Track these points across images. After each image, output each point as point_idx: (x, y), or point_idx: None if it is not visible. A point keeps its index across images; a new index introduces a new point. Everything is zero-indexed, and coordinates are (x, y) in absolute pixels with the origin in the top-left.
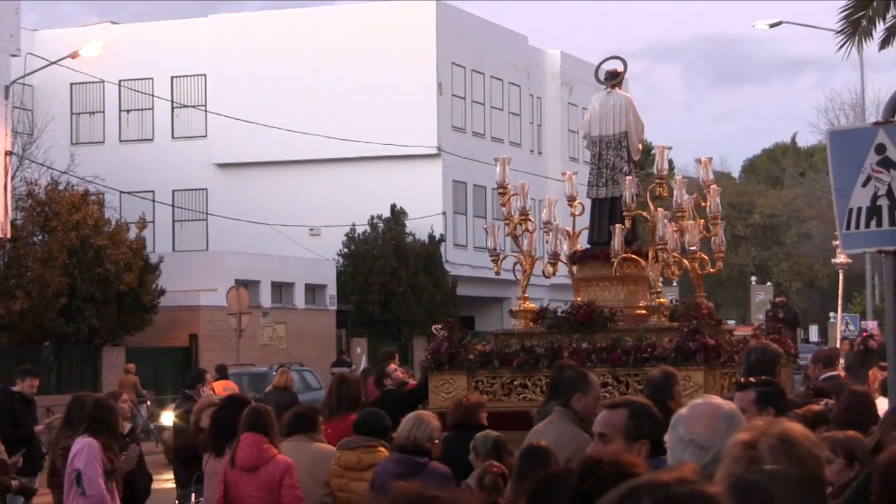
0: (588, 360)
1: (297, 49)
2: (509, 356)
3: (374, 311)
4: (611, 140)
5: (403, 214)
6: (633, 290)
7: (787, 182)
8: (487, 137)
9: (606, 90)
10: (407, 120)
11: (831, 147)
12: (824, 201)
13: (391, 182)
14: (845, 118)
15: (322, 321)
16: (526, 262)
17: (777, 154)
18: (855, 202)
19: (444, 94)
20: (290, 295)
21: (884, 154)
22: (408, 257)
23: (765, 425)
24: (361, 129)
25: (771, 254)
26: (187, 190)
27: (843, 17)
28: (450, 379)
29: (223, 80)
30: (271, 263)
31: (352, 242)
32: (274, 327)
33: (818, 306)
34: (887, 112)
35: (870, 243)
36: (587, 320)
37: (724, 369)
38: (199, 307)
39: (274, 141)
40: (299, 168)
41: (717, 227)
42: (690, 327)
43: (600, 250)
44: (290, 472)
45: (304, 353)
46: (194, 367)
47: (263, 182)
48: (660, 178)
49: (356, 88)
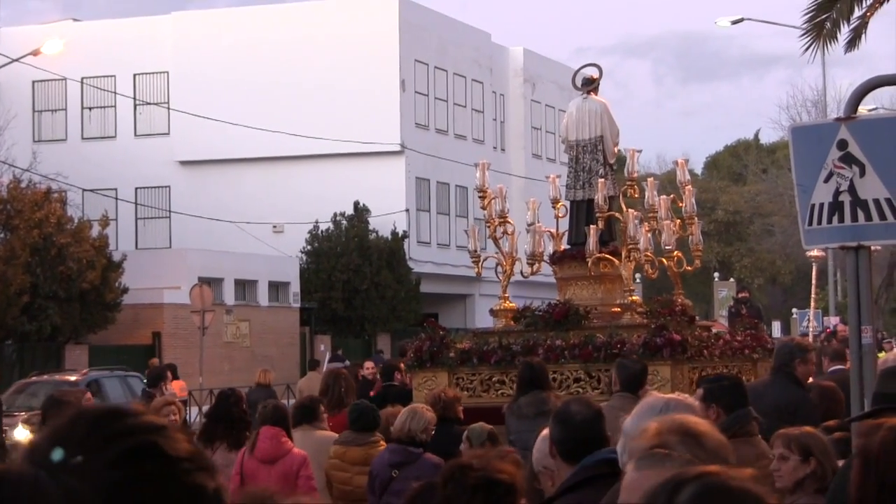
0: (561, 357)
1: (260, 46)
2: (487, 353)
3: (338, 309)
4: (587, 144)
5: (367, 211)
6: (609, 289)
7: (749, 178)
8: (450, 134)
9: (583, 96)
10: (370, 117)
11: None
12: (786, 197)
13: (354, 179)
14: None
15: (286, 318)
16: (506, 263)
17: (740, 150)
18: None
19: (406, 90)
20: (254, 292)
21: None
22: (371, 254)
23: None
24: (324, 126)
25: (734, 250)
26: (150, 187)
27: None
28: (431, 376)
29: (186, 77)
30: (235, 261)
31: (315, 240)
32: (237, 325)
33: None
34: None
35: (832, 239)
36: (563, 318)
37: (692, 364)
38: (162, 305)
39: (237, 138)
40: (262, 165)
41: (693, 227)
42: (658, 324)
43: (577, 251)
44: (306, 465)
45: (268, 350)
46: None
47: (226, 179)
48: (630, 179)
49: (319, 85)
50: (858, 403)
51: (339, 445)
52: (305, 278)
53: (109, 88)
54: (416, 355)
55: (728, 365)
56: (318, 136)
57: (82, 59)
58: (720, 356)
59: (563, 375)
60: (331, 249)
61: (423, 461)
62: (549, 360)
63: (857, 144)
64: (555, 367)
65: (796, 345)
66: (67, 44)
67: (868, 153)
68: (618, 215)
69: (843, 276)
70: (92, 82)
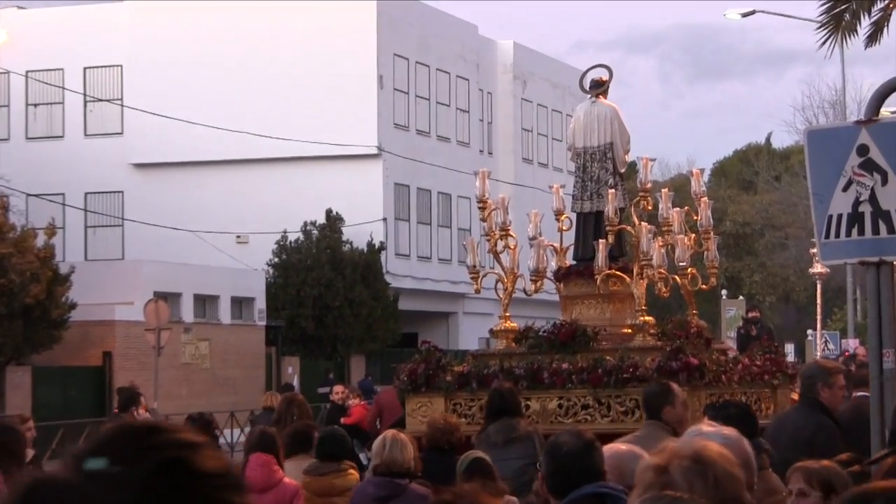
0: (568, 381)
1: (224, 38)
2: (488, 377)
3: (308, 327)
4: (595, 152)
5: (340, 220)
6: (619, 308)
7: (760, 187)
8: (433, 136)
9: (591, 99)
10: (344, 116)
11: (809, 148)
12: (801, 208)
13: (326, 185)
14: (824, 117)
15: (250, 338)
16: (507, 280)
17: (750, 156)
18: (835, 208)
19: (385, 88)
20: (215, 309)
21: (866, 156)
22: (345, 268)
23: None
24: (294, 126)
25: (743, 265)
26: (101, 192)
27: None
28: (426, 401)
29: (142, 71)
30: (194, 274)
31: (283, 251)
32: (196, 345)
33: (794, 322)
34: (870, 110)
35: (851, 253)
36: (569, 340)
37: (710, 390)
38: (113, 322)
39: (197, 139)
40: (225, 169)
41: (709, 242)
42: (674, 346)
43: (585, 267)
44: (299, 496)
45: (231, 372)
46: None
47: (185, 184)
48: (644, 190)
49: (288, 82)
50: (879, 436)
51: (304, 475)
52: (272, 294)
53: (57, 83)
54: (410, 379)
55: (747, 391)
56: (288, 138)
57: (27, 50)
58: (739, 382)
59: (569, 402)
60: (300, 262)
61: (409, 493)
62: (556, 384)
63: (878, 150)
64: (561, 392)
65: (819, 368)
66: (11, 34)
67: (891, 159)
68: (629, 229)
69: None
70: (37, 76)
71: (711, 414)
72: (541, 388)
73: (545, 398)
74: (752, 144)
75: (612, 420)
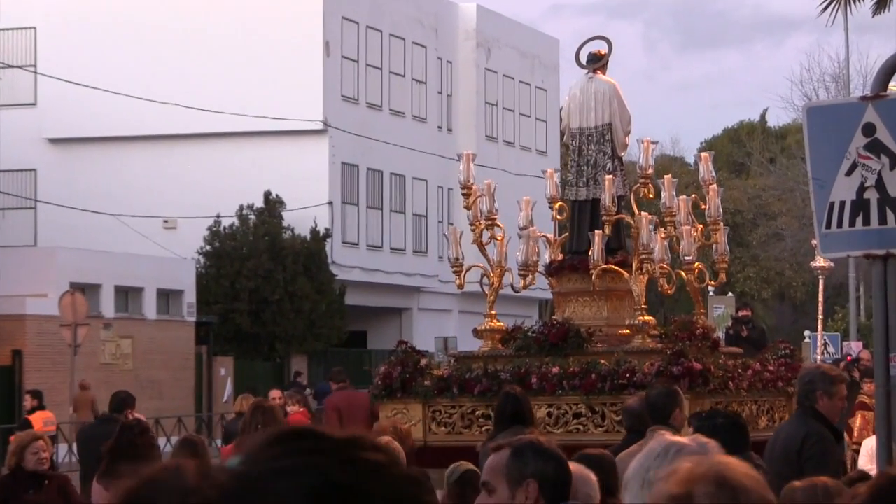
0: (559, 387)
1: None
2: (470, 382)
3: (243, 324)
4: (592, 133)
5: (280, 204)
6: (617, 307)
7: (753, 170)
8: (385, 110)
9: (588, 75)
10: (286, 87)
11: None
12: (799, 193)
13: (265, 164)
14: (825, 92)
15: (178, 335)
16: (494, 275)
17: (742, 135)
18: (837, 195)
19: (331, 55)
20: (139, 302)
21: (873, 136)
22: (285, 257)
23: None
24: (229, 98)
25: (733, 258)
26: (11, 171)
27: None
28: (402, 408)
29: (58, 34)
30: (115, 263)
31: (215, 238)
32: (118, 342)
33: (790, 322)
34: (878, 84)
35: (854, 245)
36: (561, 341)
37: (715, 398)
38: (24, 316)
39: (120, 111)
40: (151, 145)
41: (717, 234)
42: (675, 349)
43: (579, 260)
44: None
45: (156, 373)
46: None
47: (106, 162)
48: (644, 177)
49: (222, 48)
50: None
51: None
52: (203, 286)
53: None
54: (385, 383)
55: (758, 400)
56: (221, 111)
57: None
58: (748, 389)
59: (560, 410)
60: (235, 250)
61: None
62: (545, 390)
63: (886, 129)
64: (551, 399)
65: (821, 374)
66: None
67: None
68: (628, 219)
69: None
70: None
71: (697, 424)
72: (528, 394)
73: (533, 406)
74: (744, 122)
75: (606, 430)
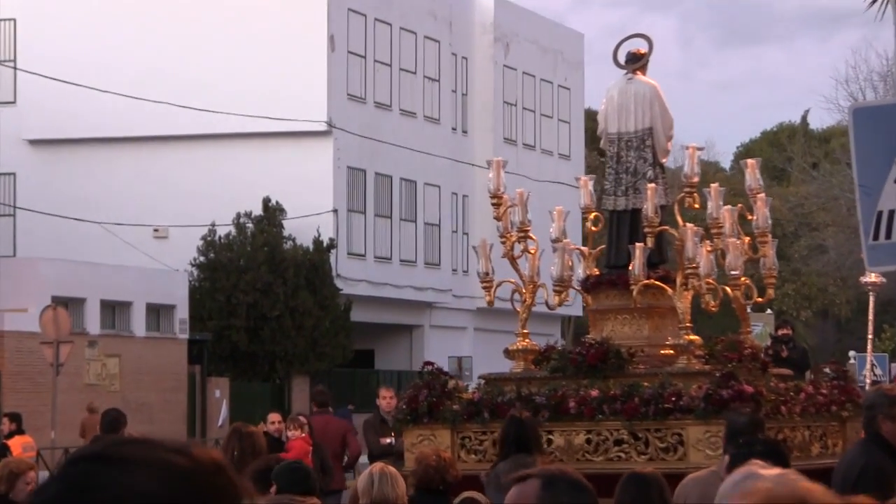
0: (599, 412)
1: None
2: (502, 406)
3: (240, 342)
4: (632, 138)
5: (280, 212)
6: (659, 325)
7: (794, 176)
8: (395, 110)
9: (627, 76)
10: (287, 85)
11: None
12: (843, 202)
13: (264, 168)
14: (873, 91)
15: (169, 354)
16: (526, 291)
17: (782, 138)
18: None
19: (336, 50)
20: (127, 318)
21: None
22: (286, 270)
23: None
24: (225, 96)
25: None
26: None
27: None
28: (429, 434)
29: (40, 28)
30: (101, 275)
31: (210, 248)
32: (104, 362)
33: (834, 342)
34: None
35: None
36: (600, 362)
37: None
38: (2, 333)
39: (107, 111)
40: (141, 148)
41: (765, 247)
42: (724, 371)
43: (618, 275)
44: None
45: (146, 395)
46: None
47: (92, 165)
48: (689, 185)
49: (218, 42)
50: None
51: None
52: (196, 300)
53: None
54: (410, 407)
55: (811, 425)
56: (216, 110)
57: None
58: (801, 414)
59: (600, 436)
60: (231, 262)
61: None
62: (583, 415)
63: None
64: (590, 424)
65: (880, 396)
66: None
67: None
68: (672, 231)
69: None
70: None
71: (734, 451)
72: (566, 419)
73: (571, 432)
74: (784, 124)
75: (650, 458)
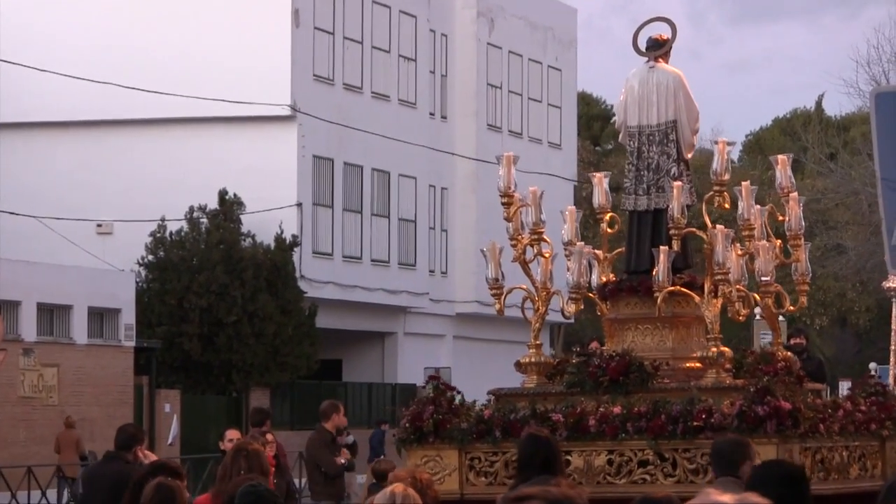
0: (622, 430)
1: None
2: (516, 425)
3: (193, 350)
4: (654, 132)
5: (238, 205)
6: (684, 336)
7: (809, 168)
8: (366, 93)
9: (648, 64)
10: (247, 65)
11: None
12: (864, 197)
13: (220, 157)
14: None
15: (113, 363)
16: (539, 298)
17: (796, 125)
18: None
19: (301, 26)
20: (66, 323)
21: None
22: (244, 270)
23: None
24: (177, 77)
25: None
26: None
27: None
28: (435, 455)
29: None
30: (37, 276)
31: (160, 246)
32: (41, 372)
33: (853, 353)
34: None
35: None
36: (622, 376)
37: (805, 442)
38: None
39: (45, 92)
40: (83, 133)
41: (798, 250)
42: (759, 386)
43: (640, 281)
44: None
45: (87, 409)
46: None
47: (27, 153)
48: (719, 184)
49: (170, 18)
50: None
51: None
52: (144, 303)
53: None
54: (414, 425)
55: (849, 444)
56: (168, 92)
57: None
58: (839, 432)
59: (623, 457)
60: (183, 262)
61: None
62: (605, 434)
63: None
64: (612, 444)
65: None
66: None
67: None
68: (699, 233)
69: None
70: None
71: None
72: (585, 438)
73: (591, 452)
74: (799, 111)
75: (678, 480)
